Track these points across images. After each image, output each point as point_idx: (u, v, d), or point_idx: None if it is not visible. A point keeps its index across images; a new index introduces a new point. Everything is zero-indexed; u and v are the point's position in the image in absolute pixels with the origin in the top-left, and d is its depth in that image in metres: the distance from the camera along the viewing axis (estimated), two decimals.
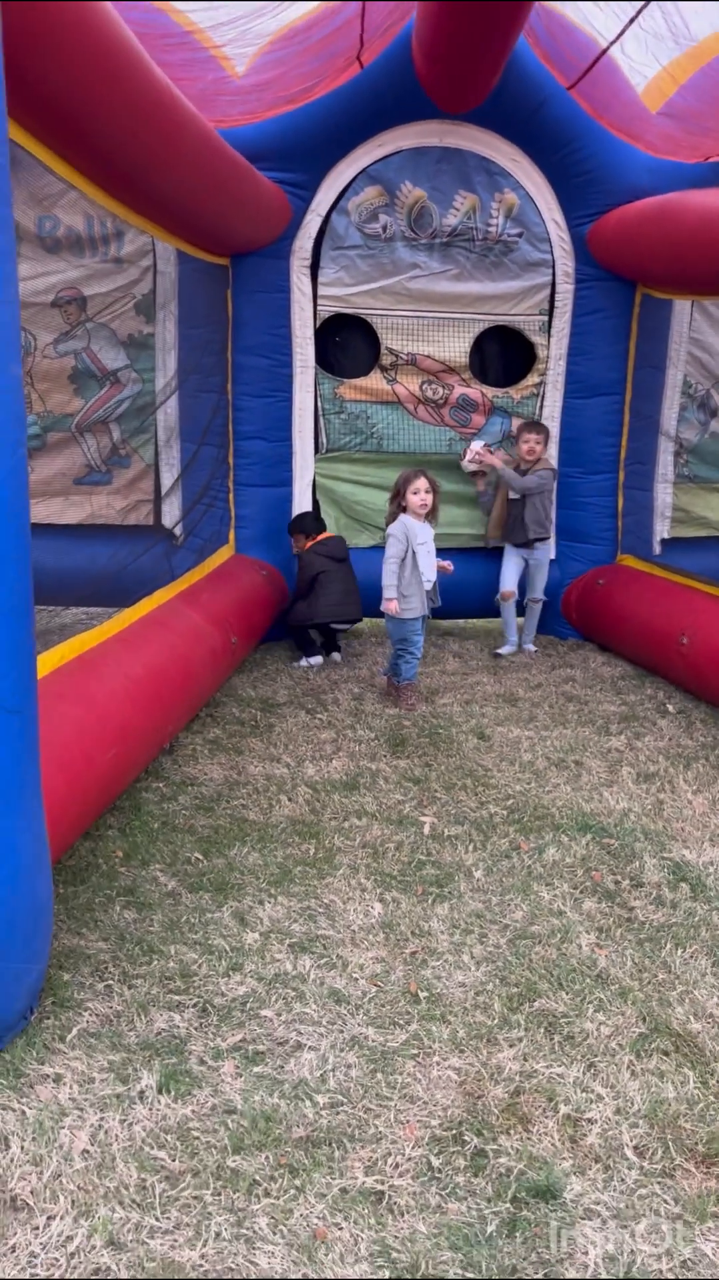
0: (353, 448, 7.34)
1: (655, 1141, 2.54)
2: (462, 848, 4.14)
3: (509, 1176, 2.41)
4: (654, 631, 6.47)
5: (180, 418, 6.88)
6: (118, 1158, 2.43)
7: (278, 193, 6.53)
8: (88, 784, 3.66)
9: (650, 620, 6.56)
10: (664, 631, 6.34)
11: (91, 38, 3.33)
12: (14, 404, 2.53)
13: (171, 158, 4.52)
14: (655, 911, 3.65)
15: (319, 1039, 2.90)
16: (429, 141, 6.80)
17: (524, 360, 7.38)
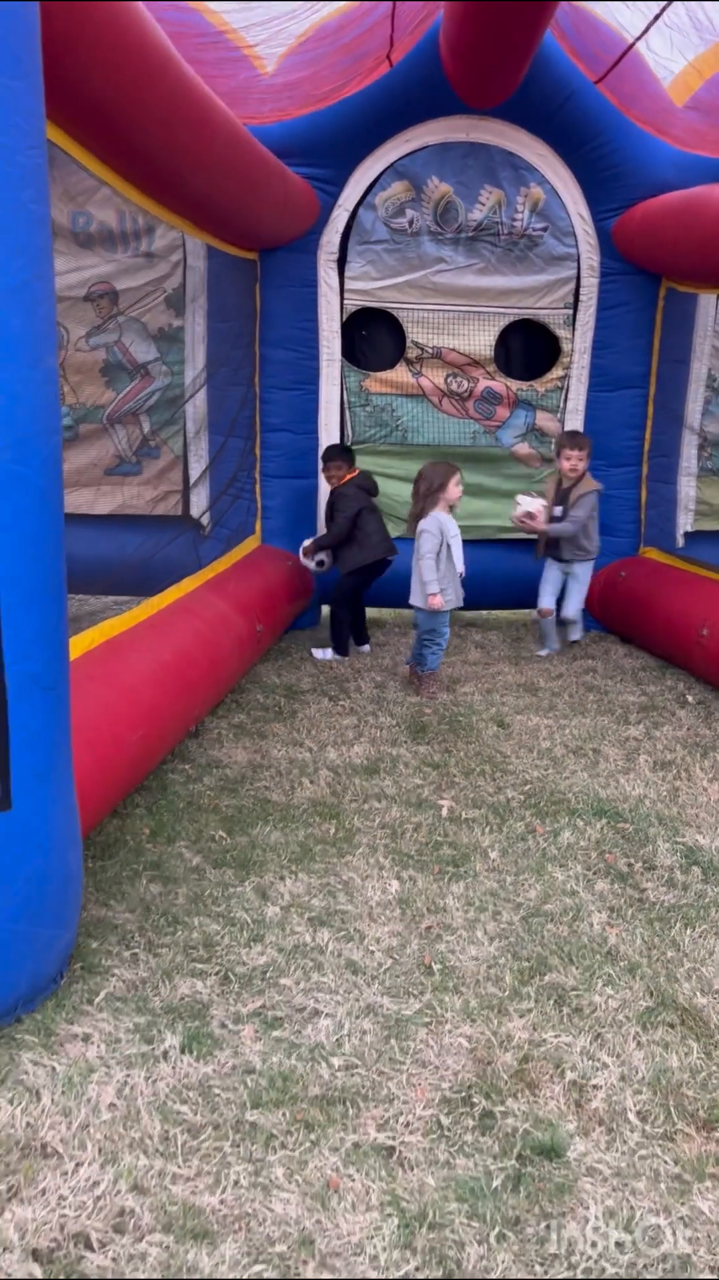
0: (378, 440, 7.44)
1: (658, 1107, 2.63)
2: (478, 830, 4.24)
3: (515, 1136, 2.52)
4: (675, 623, 6.53)
5: (209, 410, 7.01)
6: (142, 1111, 2.56)
7: (306, 188, 6.64)
8: (116, 763, 3.79)
9: (671, 612, 6.62)
10: (685, 624, 6.40)
11: (125, 39, 3.44)
12: (50, 395, 2.65)
13: (202, 155, 4.63)
14: (667, 893, 3.74)
15: (336, 1006, 3.02)
16: (456, 137, 6.88)
17: (549, 353, 7.45)
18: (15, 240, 2.45)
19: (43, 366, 2.61)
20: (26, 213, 2.47)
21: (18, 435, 2.52)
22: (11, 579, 2.57)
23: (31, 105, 2.46)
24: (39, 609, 2.69)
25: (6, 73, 2.34)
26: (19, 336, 2.49)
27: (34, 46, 2.49)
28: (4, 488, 2.49)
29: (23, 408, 2.52)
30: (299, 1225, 2.24)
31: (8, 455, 2.49)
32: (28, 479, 2.56)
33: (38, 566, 2.66)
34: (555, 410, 7.46)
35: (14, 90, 2.37)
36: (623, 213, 6.96)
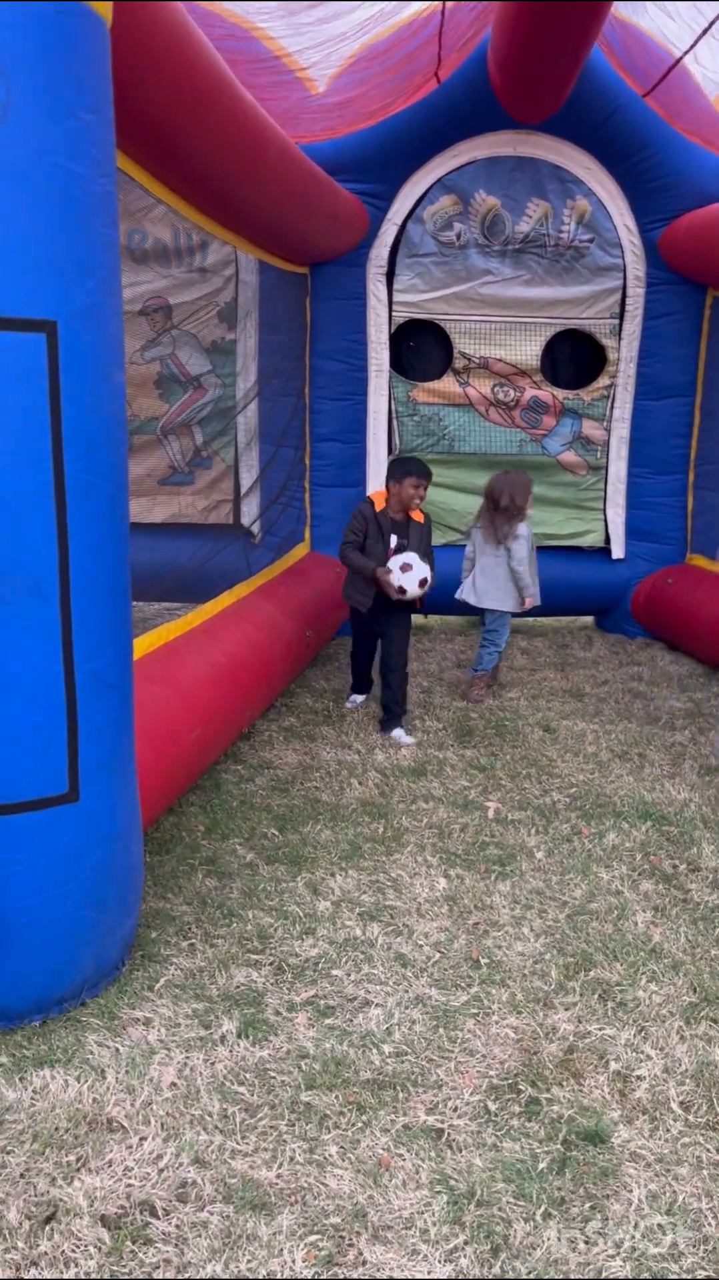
0: (425, 449, 7.55)
1: (701, 1099, 2.70)
2: (524, 831, 4.32)
3: (560, 1122, 2.60)
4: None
5: (260, 420, 7.17)
6: (202, 1090, 2.68)
7: (356, 203, 6.78)
8: (173, 761, 3.93)
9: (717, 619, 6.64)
10: None
11: (186, 68, 3.59)
12: (118, 408, 2.80)
13: (256, 174, 4.78)
14: (711, 894, 3.80)
15: (386, 997, 3.12)
16: (503, 151, 6.98)
17: (595, 362, 7.51)
18: (88, 262, 2.59)
19: (111, 381, 2.75)
20: (98, 237, 2.61)
21: (88, 446, 2.66)
22: (82, 582, 2.71)
23: (103, 136, 2.61)
24: (106, 610, 2.83)
25: (83, 107, 2.49)
26: (90, 353, 2.63)
27: (105, 80, 2.64)
28: (76, 495, 2.63)
29: (93, 419, 2.67)
30: (352, 1200, 2.34)
31: (80, 465, 2.63)
32: (98, 487, 2.70)
33: (106, 570, 2.80)
34: (602, 419, 7.52)
35: (88, 123, 2.52)
36: (669, 223, 7.01)
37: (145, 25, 3.10)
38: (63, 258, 2.51)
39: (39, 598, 2.62)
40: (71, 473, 2.60)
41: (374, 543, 5.34)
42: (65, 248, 2.51)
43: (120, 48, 2.92)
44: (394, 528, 5.37)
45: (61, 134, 2.44)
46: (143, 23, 3.08)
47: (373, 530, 5.34)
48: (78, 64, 2.46)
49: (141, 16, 3.06)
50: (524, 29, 5.19)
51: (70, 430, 2.58)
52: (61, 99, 2.43)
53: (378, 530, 5.35)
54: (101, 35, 2.59)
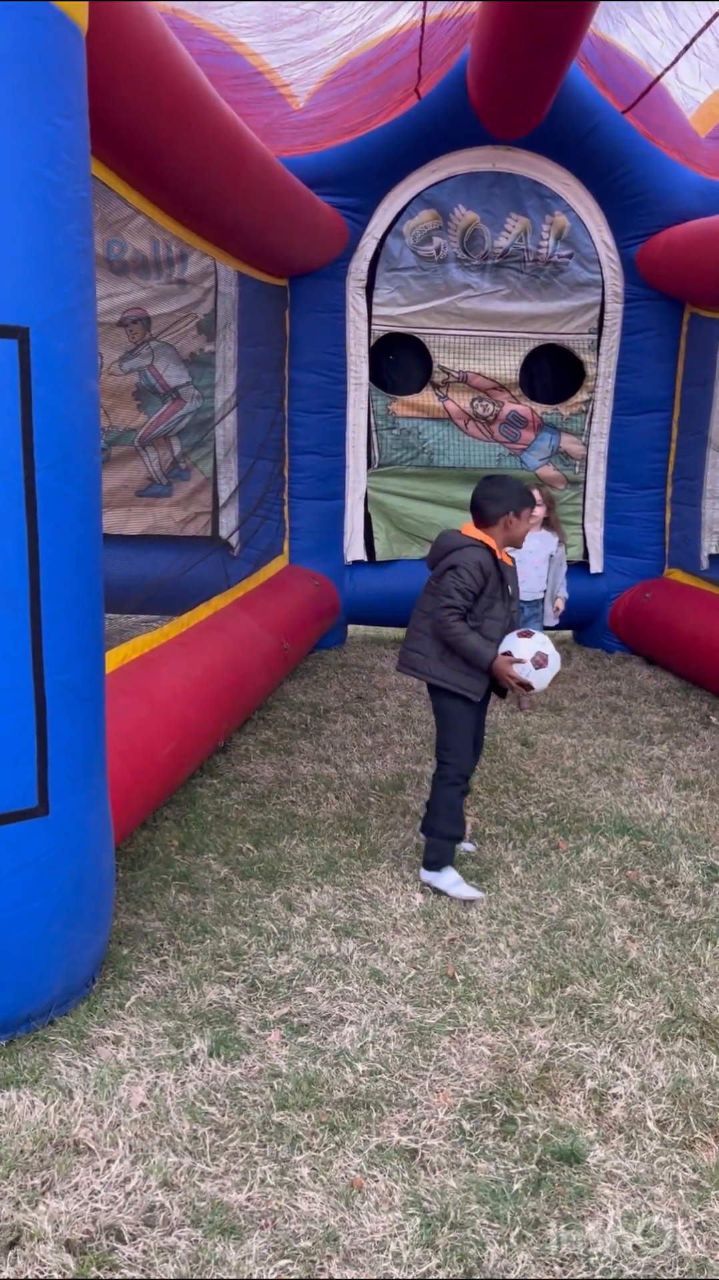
0: (404, 462, 7.55)
1: (677, 1116, 2.67)
2: (502, 846, 4.29)
3: (536, 1141, 2.57)
4: (700, 645, 6.57)
5: (238, 432, 7.14)
6: (172, 1111, 2.63)
7: (335, 217, 6.78)
8: (147, 775, 3.88)
9: (696, 634, 6.66)
10: (710, 645, 6.44)
11: (164, 79, 3.58)
12: (91, 416, 2.77)
13: (236, 186, 4.77)
14: (688, 909, 3.78)
15: (360, 1014, 3.08)
16: (482, 167, 7.01)
17: (573, 378, 7.54)
18: (62, 269, 2.56)
19: (84, 389, 2.72)
20: (72, 244, 2.59)
21: (61, 454, 2.63)
22: (53, 592, 2.67)
23: (78, 143, 2.59)
24: (78, 622, 2.79)
25: (57, 113, 2.47)
26: (63, 360, 2.60)
27: (81, 88, 2.62)
28: (47, 504, 2.60)
29: (66, 427, 2.64)
30: (323, 1223, 2.30)
31: (51, 473, 2.60)
32: (70, 496, 2.67)
33: (78, 580, 2.76)
34: (580, 434, 7.55)
35: (63, 129, 2.49)
36: (647, 240, 7.06)
37: (123, 34, 3.08)
38: (36, 264, 2.48)
39: (9, 608, 2.58)
40: (43, 481, 2.57)
41: (495, 603, 3.82)
42: (38, 254, 2.48)
43: (97, 56, 2.90)
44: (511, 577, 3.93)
45: (35, 140, 2.42)
46: (120, 31, 3.06)
47: (493, 587, 3.80)
48: (51, 70, 2.44)
49: (119, 25, 3.04)
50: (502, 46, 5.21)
51: (42, 438, 2.55)
52: (35, 105, 2.40)
53: (500, 586, 3.82)
54: (76, 42, 2.57)
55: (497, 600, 3.81)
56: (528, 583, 5.91)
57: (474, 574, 3.71)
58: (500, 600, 3.82)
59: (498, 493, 3.83)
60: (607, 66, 6.36)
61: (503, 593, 3.83)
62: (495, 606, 3.81)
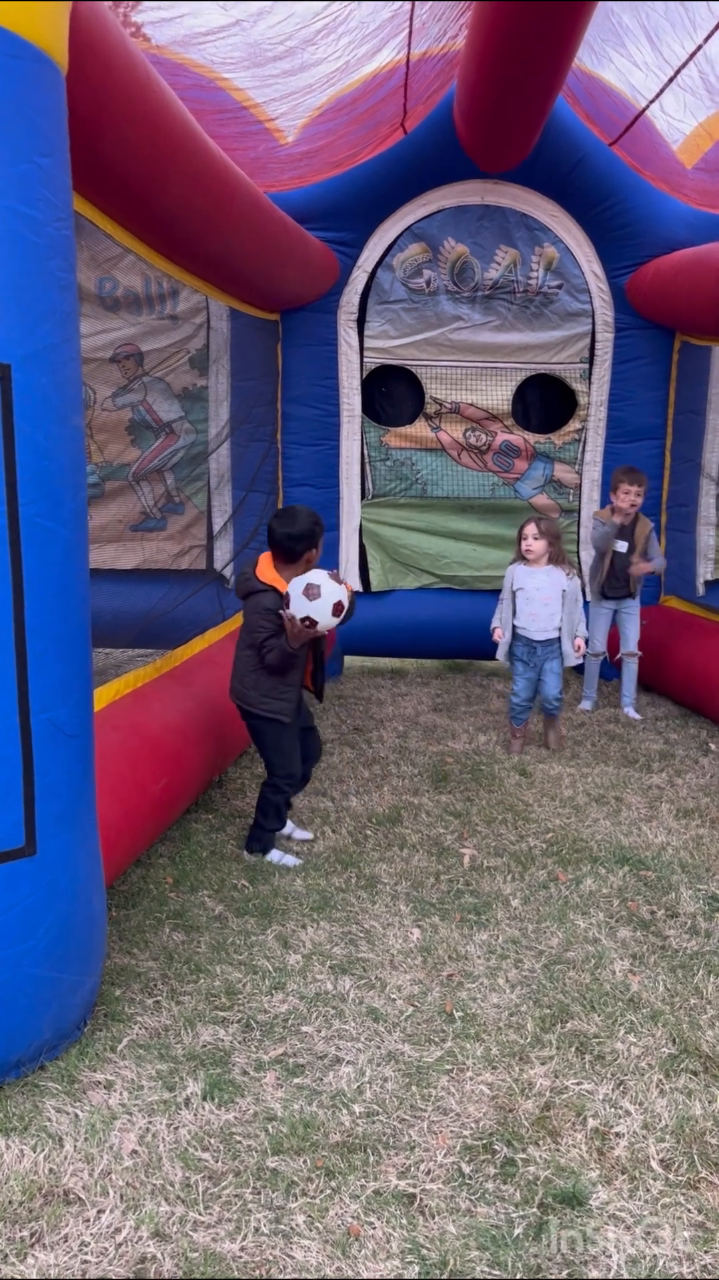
0: (398, 493, 7.56)
1: (681, 1155, 2.61)
2: (500, 878, 4.24)
3: (537, 1184, 2.50)
4: (697, 672, 6.54)
5: (232, 465, 7.16)
6: (164, 1158, 2.57)
7: (326, 251, 6.83)
8: (140, 812, 3.84)
9: (693, 660, 6.63)
10: (706, 672, 6.41)
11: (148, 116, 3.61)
12: (76, 452, 2.76)
13: (224, 222, 4.80)
14: (689, 940, 3.72)
15: (357, 1054, 3.02)
16: (471, 200, 7.07)
17: (566, 406, 7.56)
18: (43, 306, 2.56)
19: (69, 424, 2.71)
20: (54, 280, 2.58)
21: (45, 490, 2.61)
22: (38, 629, 2.64)
23: (59, 180, 2.59)
24: (65, 658, 2.76)
25: (36, 150, 2.47)
26: (47, 396, 2.59)
27: (61, 126, 2.62)
28: (32, 541, 2.58)
29: (50, 464, 2.62)
30: (319, 1273, 2.24)
31: (36, 509, 2.58)
32: (55, 532, 2.65)
33: (63, 617, 2.74)
34: (573, 462, 7.56)
35: (42, 167, 2.50)
36: (636, 270, 7.10)
37: (105, 71, 3.10)
38: (17, 301, 2.47)
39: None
40: (26, 518, 2.55)
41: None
42: (19, 291, 2.47)
43: (80, 93, 2.92)
44: None
45: (14, 178, 2.42)
46: (103, 68, 3.08)
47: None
48: (30, 109, 2.45)
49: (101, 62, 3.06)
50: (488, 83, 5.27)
51: (25, 475, 2.53)
52: (13, 144, 2.41)
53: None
54: (56, 81, 2.58)
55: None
56: (538, 621, 5.76)
57: (274, 612, 4.14)
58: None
59: (296, 531, 4.23)
60: (592, 100, 6.43)
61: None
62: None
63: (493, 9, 4.40)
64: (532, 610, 5.78)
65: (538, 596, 5.77)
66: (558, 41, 4.51)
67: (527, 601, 5.80)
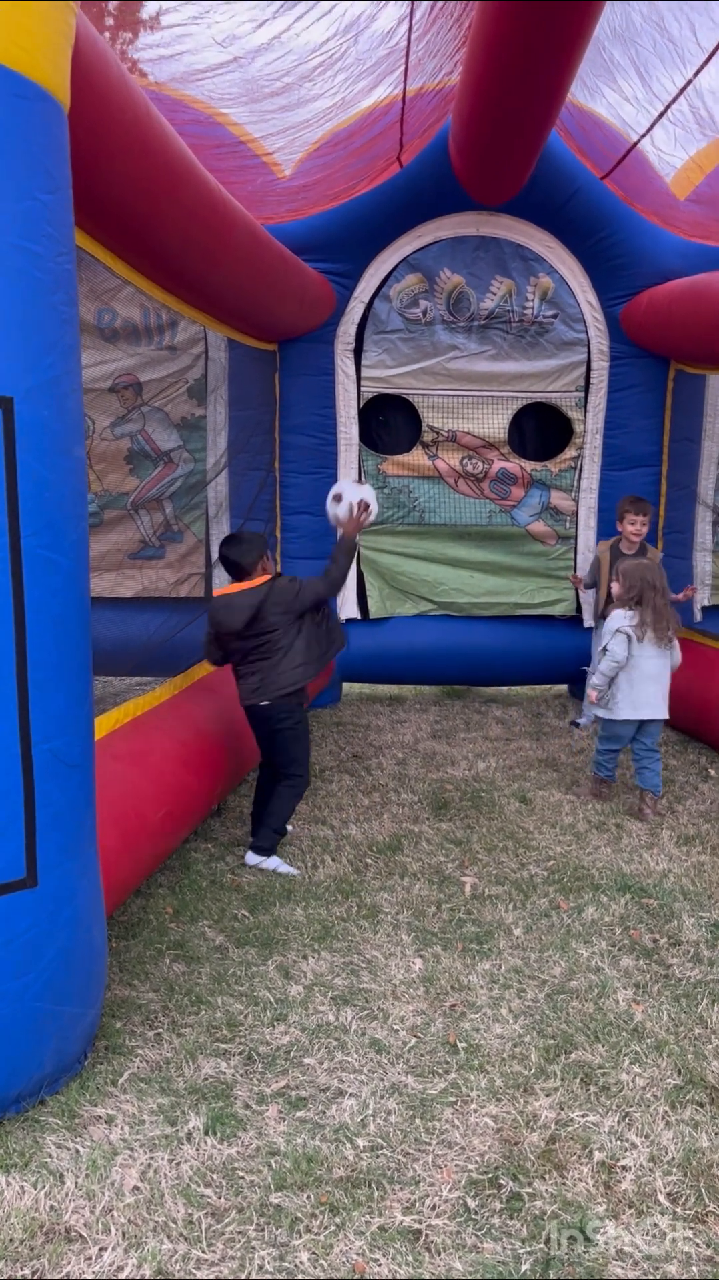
0: (396, 521, 7.58)
1: (689, 1189, 2.59)
2: (502, 907, 4.22)
3: (543, 1219, 2.48)
4: (696, 698, 6.53)
5: (230, 493, 7.18)
6: (166, 1194, 2.54)
7: (323, 282, 6.89)
8: (140, 841, 3.83)
9: (692, 687, 6.62)
10: (705, 698, 6.41)
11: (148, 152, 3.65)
12: (78, 482, 2.77)
13: (222, 254, 4.85)
14: (693, 968, 3.70)
15: (360, 1086, 3.00)
16: (466, 231, 7.14)
17: (562, 434, 7.61)
18: (46, 338, 2.58)
19: (71, 455, 2.73)
20: (56, 314, 2.61)
21: (47, 520, 2.62)
22: (40, 659, 2.64)
23: (61, 216, 2.62)
24: (66, 688, 2.76)
25: (39, 188, 2.50)
26: (49, 427, 2.61)
27: (63, 163, 2.66)
28: (34, 571, 2.58)
29: (52, 494, 2.63)
30: None
31: (38, 540, 2.59)
32: (56, 562, 2.66)
33: (64, 646, 2.74)
34: (570, 489, 7.59)
35: (45, 204, 2.53)
36: (630, 299, 7.17)
37: (106, 108, 3.14)
38: (20, 334, 2.49)
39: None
40: (29, 549, 2.56)
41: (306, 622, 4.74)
42: (22, 325, 2.49)
43: (81, 130, 2.96)
44: None
45: (18, 214, 2.45)
46: (104, 106, 3.12)
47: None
48: (34, 147, 2.48)
49: (102, 100, 3.10)
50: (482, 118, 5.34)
51: (27, 506, 2.54)
52: (17, 181, 2.44)
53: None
54: (58, 119, 2.61)
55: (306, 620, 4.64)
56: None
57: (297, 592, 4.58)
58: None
59: (244, 548, 4.65)
60: (584, 134, 6.51)
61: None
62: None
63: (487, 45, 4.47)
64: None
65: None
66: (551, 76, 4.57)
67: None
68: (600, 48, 5.17)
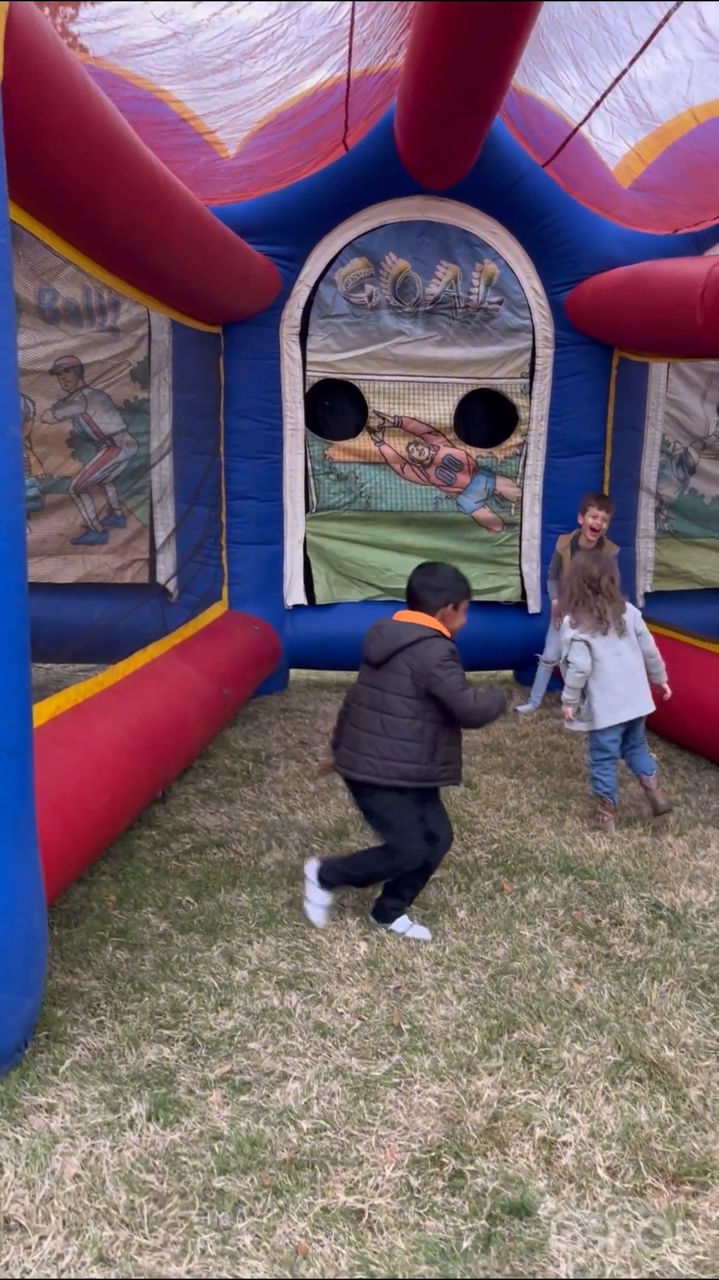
0: (342, 507, 7.57)
1: (627, 1162, 2.63)
2: (446, 889, 4.24)
3: (485, 1195, 2.50)
4: None
5: (174, 478, 7.11)
6: (108, 1181, 2.52)
7: (268, 265, 6.83)
8: (82, 828, 3.78)
9: None
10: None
11: (87, 127, 3.58)
12: (13, 463, 2.71)
13: (164, 234, 4.78)
14: (633, 948, 3.76)
15: (304, 1069, 3.00)
16: (412, 216, 7.13)
17: (507, 421, 7.64)
18: None
19: (6, 435, 2.67)
20: None
21: None
22: None
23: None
24: (4, 673, 2.71)
25: None
26: None
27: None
28: None
29: None
30: None
31: None
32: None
33: (2, 631, 2.69)
34: (515, 476, 7.63)
35: None
36: (574, 286, 7.21)
37: (41, 81, 3.07)
38: None
39: None
40: None
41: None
42: None
43: (16, 104, 2.89)
44: None
45: None
46: (40, 80, 3.05)
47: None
48: None
49: (38, 74, 3.03)
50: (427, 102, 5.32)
51: None
52: None
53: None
54: None
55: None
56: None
57: (457, 662, 3.71)
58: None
59: (436, 583, 3.83)
60: (526, 121, 6.52)
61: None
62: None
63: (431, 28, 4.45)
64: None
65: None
66: (496, 61, 4.57)
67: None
68: (539, 36, 5.17)
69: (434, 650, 3.67)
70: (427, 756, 3.70)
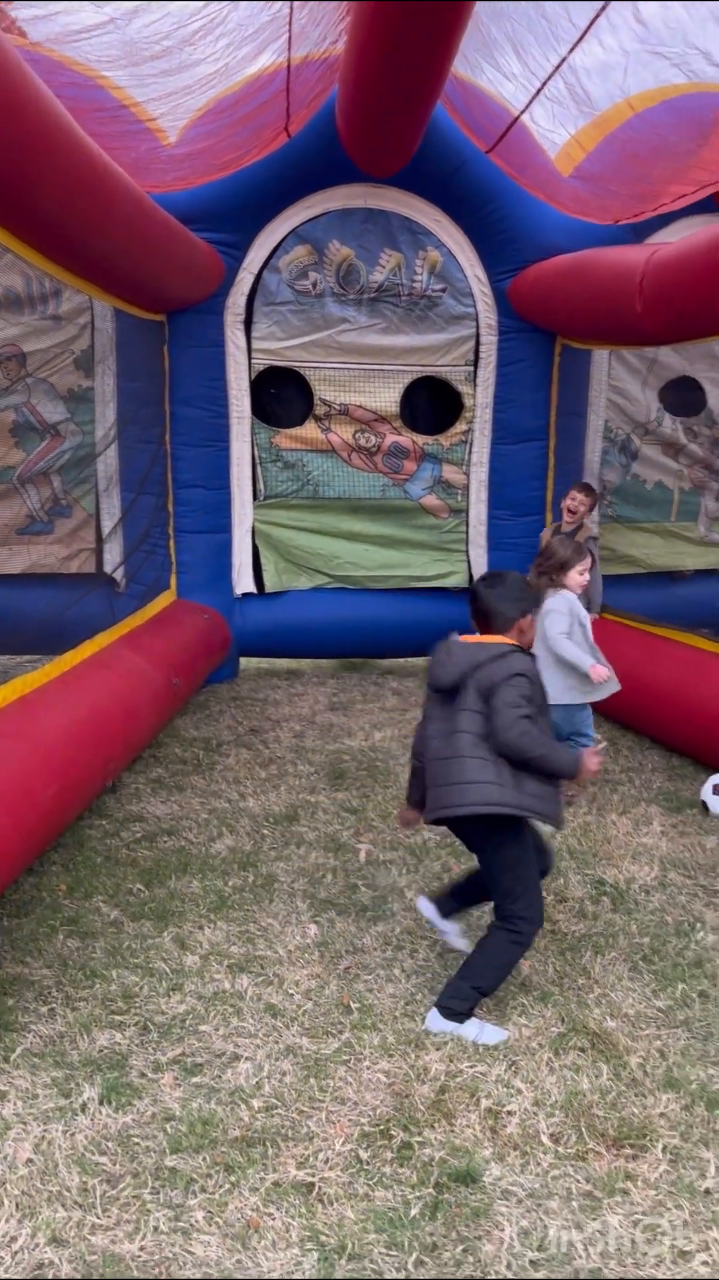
0: (290, 494, 7.58)
1: (570, 1129, 2.71)
2: (396, 871, 4.31)
3: (432, 1165, 2.57)
4: None
5: (120, 467, 7.08)
6: (60, 1164, 2.55)
7: (211, 252, 6.81)
8: (29, 818, 3.78)
9: None
10: None
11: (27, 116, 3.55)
12: None
13: (105, 222, 4.75)
14: (577, 923, 3.85)
15: (255, 1050, 3.04)
16: (355, 203, 7.14)
17: (453, 409, 7.70)
18: None
19: None
20: None
21: None
22: None
23: None
24: None
25: None
26: None
27: None
28: None
29: None
30: (219, 1266, 2.26)
31: None
32: None
33: None
34: (461, 463, 7.70)
35: None
36: (517, 274, 7.27)
37: None
38: None
39: None
40: None
41: (542, 718, 3.22)
42: None
43: None
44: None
45: None
46: None
47: (541, 698, 3.25)
48: None
49: None
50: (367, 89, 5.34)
51: None
52: None
53: (543, 698, 3.29)
54: None
55: (544, 714, 3.25)
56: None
57: (535, 683, 3.21)
58: (544, 714, 3.26)
59: (513, 593, 3.31)
60: (469, 108, 6.56)
61: (545, 705, 3.29)
62: (541, 721, 3.20)
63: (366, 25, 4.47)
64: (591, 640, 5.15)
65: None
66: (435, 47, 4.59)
67: (586, 632, 5.09)
68: (479, 22, 5.21)
69: (510, 664, 3.14)
70: (509, 779, 3.09)
